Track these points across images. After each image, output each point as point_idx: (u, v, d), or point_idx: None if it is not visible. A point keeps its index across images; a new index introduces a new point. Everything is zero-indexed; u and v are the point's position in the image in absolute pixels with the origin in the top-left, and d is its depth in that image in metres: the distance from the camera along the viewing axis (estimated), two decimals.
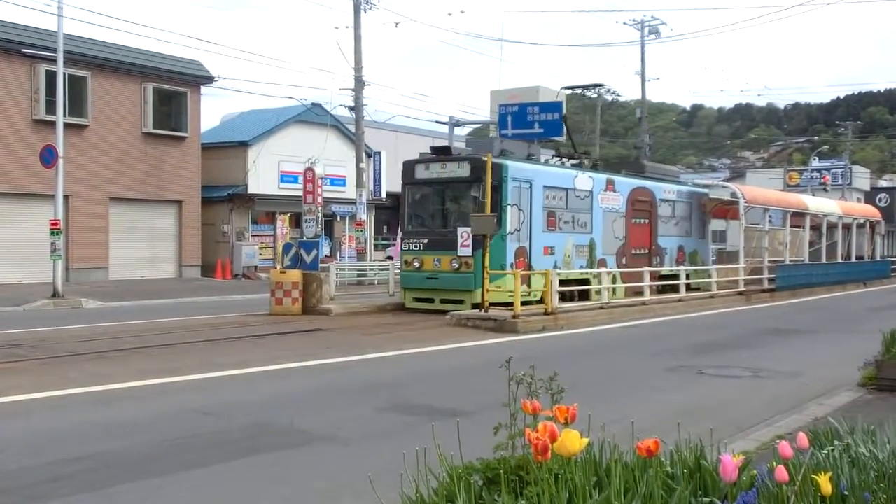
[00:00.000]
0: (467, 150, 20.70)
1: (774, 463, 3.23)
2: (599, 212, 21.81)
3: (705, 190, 28.62)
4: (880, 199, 57.80)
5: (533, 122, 25.96)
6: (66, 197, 23.87)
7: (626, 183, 23.39)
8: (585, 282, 20.75)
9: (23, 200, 26.96)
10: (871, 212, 39.95)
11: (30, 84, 27.20)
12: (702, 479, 3.54)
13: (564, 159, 23.41)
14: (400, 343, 13.91)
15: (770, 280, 27.26)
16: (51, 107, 25.17)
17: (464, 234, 18.20)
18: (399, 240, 20.04)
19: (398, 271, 21.25)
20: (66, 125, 23.41)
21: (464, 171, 19.05)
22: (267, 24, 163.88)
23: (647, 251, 23.95)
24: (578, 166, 22.58)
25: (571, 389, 4.14)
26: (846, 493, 3.36)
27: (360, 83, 29.63)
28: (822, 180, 60.39)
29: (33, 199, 26.67)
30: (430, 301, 19.15)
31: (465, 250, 18.32)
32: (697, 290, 24.50)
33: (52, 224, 21.25)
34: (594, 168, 23.49)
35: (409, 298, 19.70)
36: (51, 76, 24.61)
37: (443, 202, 20.08)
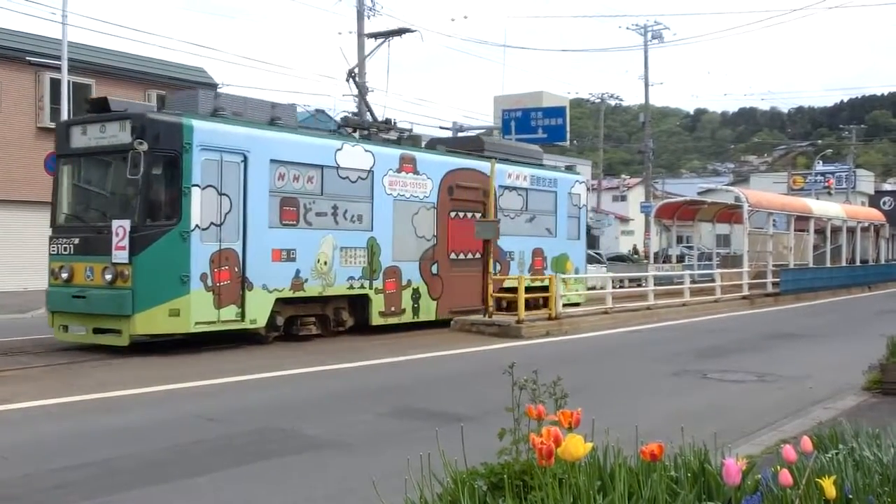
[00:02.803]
0: (151, 108, 14.27)
1: (779, 467, 3.23)
2: (387, 201, 15.94)
3: (579, 176, 22.05)
4: (884, 203, 57.69)
5: (537, 128, 26.03)
6: None
7: (437, 163, 17.30)
8: (362, 298, 15.59)
9: (27, 208, 27.00)
10: (876, 215, 39.93)
11: (34, 92, 27.30)
12: (706, 483, 3.54)
13: (361, 131, 17.48)
14: (403, 349, 13.91)
15: (774, 284, 27.22)
16: (55, 114, 25.20)
17: (119, 231, 12.47)
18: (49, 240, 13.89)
19: None
20: None
21: (125, 134, 12.75)
22: (270, 31, 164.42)
23: (477, 256, 17.82)
24: (367, 138, 16.83)
25: (575, 394, 4.15)
26: (850, 496, 3.36)
27: (363, 89, 29.66)
28: (827, 184, 60.42)
29: (38, 206, 26.68)
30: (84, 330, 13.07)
31: (120, 255, 12.48)
32: (577, 304, 20.08)
33: None
34: (396, 142, 17.40)
35: (57, 325, 13.29)
36: (55, 84, 24.67)
37: (101, 183, 13.88)
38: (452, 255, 17.51)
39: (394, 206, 16.09)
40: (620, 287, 24.36)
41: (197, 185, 12.84)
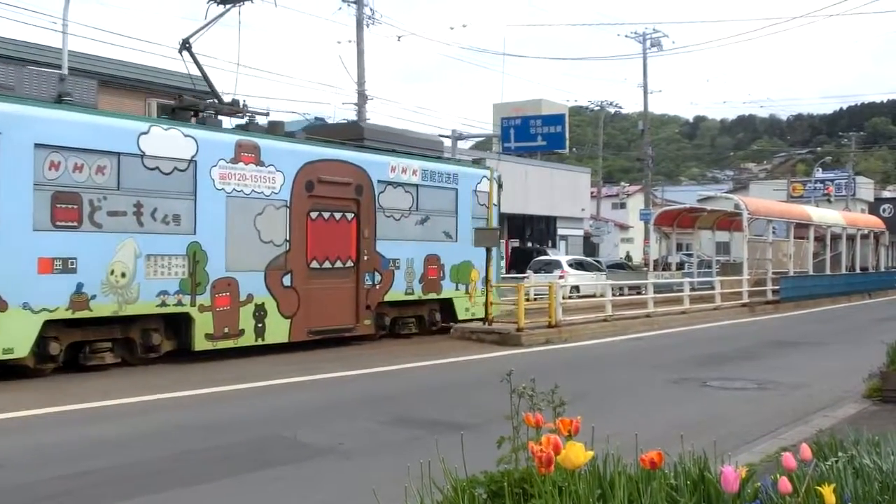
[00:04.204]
0: None
1: (778, 475, 3.23)
2: (218, 198, 13.02)
3: (488, 171, 18.60)
4: (884, 210, 57.81)
5: (536, 136, 25.97)
6: None
7: (290, 152, 14.34)
8: (183, 318, 12.68)
9: None
10: (875, 222, 39.95)
11: None
12: (706, 492, 3.53)
13: (201, 114, 14.17)
14: (403, 357, 13.90)
15: (774, 292, 27.22)
16: None
17: None
18: None
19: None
20: None
21: None
22: (270, 41, 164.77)
23: (349, 265, 15.14)
24: (202, 123, 13.72)
25: (575, 402, 4.15)
26: None
27: (362, 97, 29.75)
28: (826, 191, 60.49)
29: None
30: None
31: None
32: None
33: None
34: (244, 128, 14.40)
35: None
36: None
37: None
38: (313, 264, 14.47)
39: (227, 205, 13.13)
40: (620, 294, 24.37)
41: None
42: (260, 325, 13.57)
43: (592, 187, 55.66)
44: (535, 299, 20.66)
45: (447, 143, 29.30)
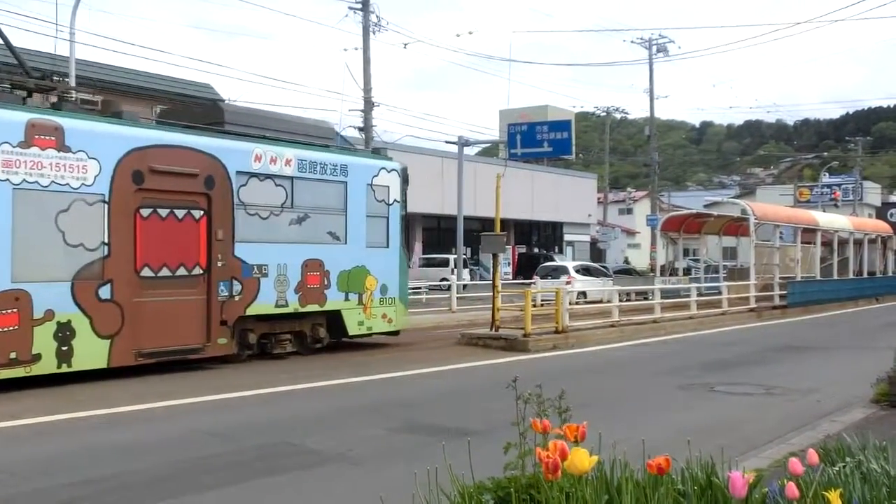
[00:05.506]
0: None
1: (785, 480, 3.23)
2: (0, 191, 10.33)
3: (389, 162, 16.00)
4: (892, 215, 57.70)
5: (542, 141, 26.01)
6: None
7: (108, 136, 11.46)
8: None
9: None
10: (883, 227, 39.87)
11: None
12: (713, 497, 3.54)
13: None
14: (409, 363, 13.90)
15: (781, 297, 27.17)
16: None
17: None
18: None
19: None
20: None
21: None
22: (277, 49, 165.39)
23: (196, 272, 12.49)
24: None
25: (582, 408, 4.15)
26: None
27: (369, 104, 29.82)
28: (833, 196, 60.50)
29: None
30: None
31: None
32: (396, 333, 16.02)
33: None
34: (54, 107, 11.57)
35: None
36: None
37: None
38: (146, 272, 11.81)
39: (14, 199, 10.41)
40: (627, 300, 24.36)
41: None
42: (65, 347, 10.84)
43: (599, 193, 55.66)
44: (542, 305, 20.69)
45: (454, 149, 29.36)
